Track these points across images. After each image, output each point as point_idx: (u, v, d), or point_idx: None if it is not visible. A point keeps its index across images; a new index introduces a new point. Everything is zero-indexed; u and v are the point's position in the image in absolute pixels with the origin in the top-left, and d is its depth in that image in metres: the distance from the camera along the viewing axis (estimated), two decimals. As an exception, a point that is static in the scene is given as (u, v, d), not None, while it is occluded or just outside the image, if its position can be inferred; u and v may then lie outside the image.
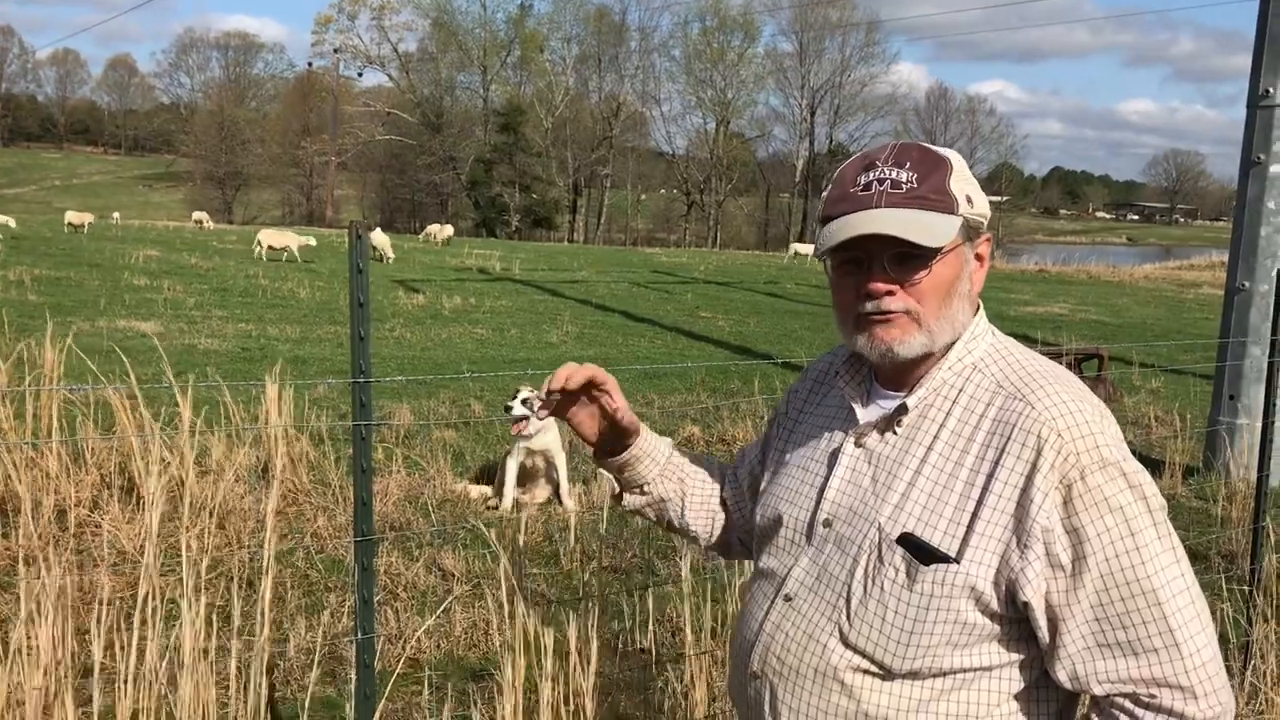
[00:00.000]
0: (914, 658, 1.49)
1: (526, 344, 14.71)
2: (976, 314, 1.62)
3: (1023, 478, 1.45)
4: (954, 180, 1.54)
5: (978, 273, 1.61)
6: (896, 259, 1.52)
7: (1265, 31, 7.79)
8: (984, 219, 1.57)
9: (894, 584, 1.50)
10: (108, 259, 23.34)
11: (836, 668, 1.54)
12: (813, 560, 1.61)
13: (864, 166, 1.57)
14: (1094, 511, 1.42)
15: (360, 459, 2.74)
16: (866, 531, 1.55)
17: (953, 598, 1.46)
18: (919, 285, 1.53)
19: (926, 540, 1.48)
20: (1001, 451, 1.47)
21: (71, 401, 7.07)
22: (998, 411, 1.51)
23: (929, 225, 1.50)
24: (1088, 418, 1.46)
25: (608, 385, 1.79)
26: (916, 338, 1.54)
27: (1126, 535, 1.42)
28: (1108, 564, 1.42)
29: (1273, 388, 4.52)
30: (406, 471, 7.08)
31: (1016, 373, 1.55)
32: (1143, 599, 1.42)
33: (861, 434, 1.62)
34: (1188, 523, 6.92)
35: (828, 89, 77.80)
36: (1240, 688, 4.20)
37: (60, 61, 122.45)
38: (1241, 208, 8.10)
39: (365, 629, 2.82)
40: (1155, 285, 32.54)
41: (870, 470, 1.59)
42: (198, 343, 12.96)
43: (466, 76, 78.62)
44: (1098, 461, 1.43)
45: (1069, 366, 11.34)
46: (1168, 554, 1.44)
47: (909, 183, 1.52)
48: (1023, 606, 1.45)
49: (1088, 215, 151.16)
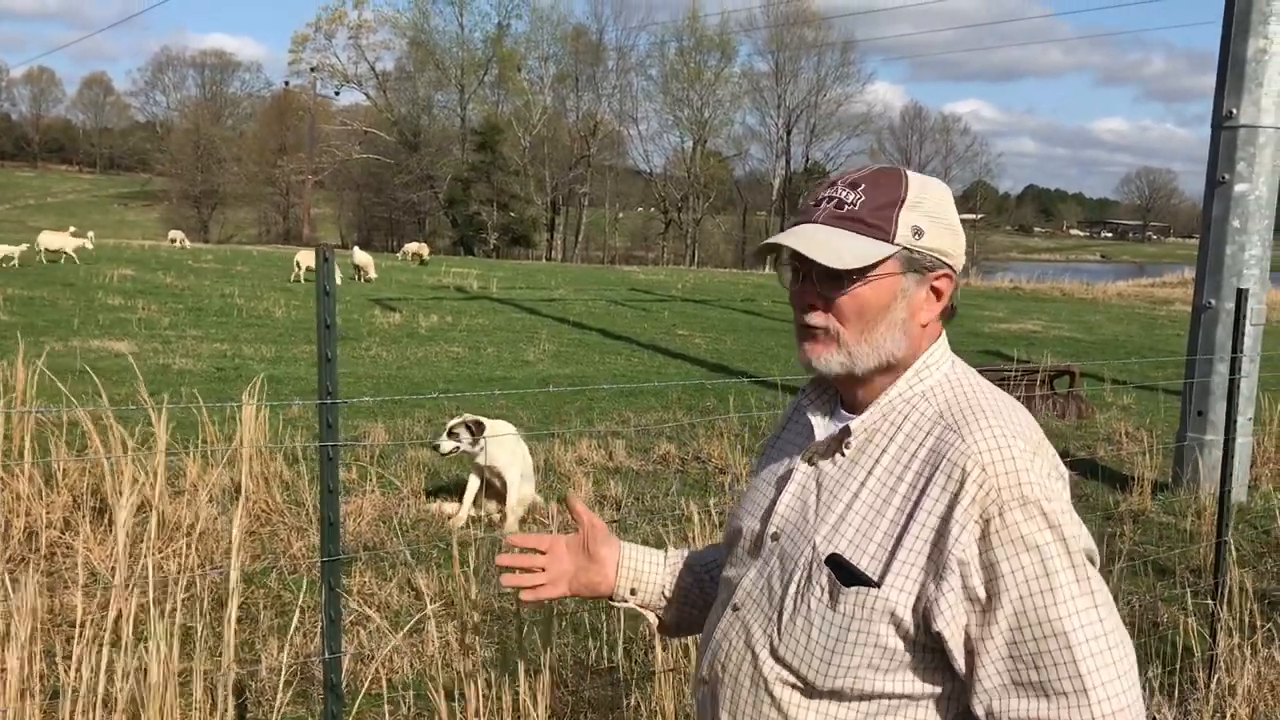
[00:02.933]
0: (835, 676, 1.50)
1: (504, 362, 14.71)
2: (935, 344, 1.63)
3: (945, 508, 1.46)
4: (905, 210, 1.54)
5: (927, 305, 1.59)
6: (824, 276, 1.55)
7: (1228, 54, 7.92)
8: (939, 255, 1.57)
9: (819, 602, 1.52)
10: (81, 278, 23.20)
11: (767, 679, 1.57)
12: (759, 572, 1.64)
13: (829, 184, 1.60)
14: (1010, 549, 1.42)
15: (327, 479, 2.75)
16: (804, 548, 1.57)
17: (872, 620, 1.48)
18: (837, 305, 1.55)
19: (854, 563, 1.50)
20: (929, 480, 1.49)
21: (43, 422, 7.04)
22: (935, 441, 1.52)
23: (841, 247, 1.52)
24: (1014, 454, 1.46)
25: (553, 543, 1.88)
26: (835, 356, 1.57)
27: (1041, 575, 1.42)
28: (1021, 603, 1.42)
29: (1233, 404, 4.59)
30: (381, 491, 7.08)
31: (959, 403, 1.55)
32: (1054, 640, 1.41)
33: (813, 453, 1.65)
34: (1156, 538, 6.99)
35: (804, 108, 78.20)
36: (1206, 701, 4.25)
37: (35, 80, 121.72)
38: (1207, 226, 8.21)
39: (332, 649, 2.83)
40: (1128, 302, 32.80)
41: (816, 489, 1.61)
42: (172, 362, 12.90)
43: (444, 95, 78.62)
44: (1018, 499, 1.43)
45: (1041, 383, 11.44)
46: (1085, 597, 1.43)
47: (852, 204, 1.55)
48: (936, 636, 1.46)
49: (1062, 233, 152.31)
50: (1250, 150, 7.86)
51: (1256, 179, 7.89)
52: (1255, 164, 7.87)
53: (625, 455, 8.66)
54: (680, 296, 28.55)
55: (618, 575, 1.89)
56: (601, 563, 1.88)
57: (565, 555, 1.87)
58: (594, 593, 1.89)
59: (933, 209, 1.57)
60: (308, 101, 75.22)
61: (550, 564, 1.85)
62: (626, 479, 7.90)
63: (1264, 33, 7.74)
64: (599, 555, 1.87)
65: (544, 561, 1.85)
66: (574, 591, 1.87)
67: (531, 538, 1.87)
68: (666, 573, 1.92)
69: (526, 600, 1.84)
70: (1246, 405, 7.93)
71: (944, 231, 1.57)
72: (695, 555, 1.97)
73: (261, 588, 5.44)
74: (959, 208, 1.66)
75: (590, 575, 1.87)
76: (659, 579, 1.91)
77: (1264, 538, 6.90)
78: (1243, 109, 7.83)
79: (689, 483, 7.99)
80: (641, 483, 7.91)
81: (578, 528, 1.89)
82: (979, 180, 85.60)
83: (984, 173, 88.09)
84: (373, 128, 76.97)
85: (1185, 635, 4.62)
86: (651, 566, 1.91)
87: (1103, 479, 8.45)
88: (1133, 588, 5.80)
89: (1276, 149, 7.92)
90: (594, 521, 1.89)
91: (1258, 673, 4.26)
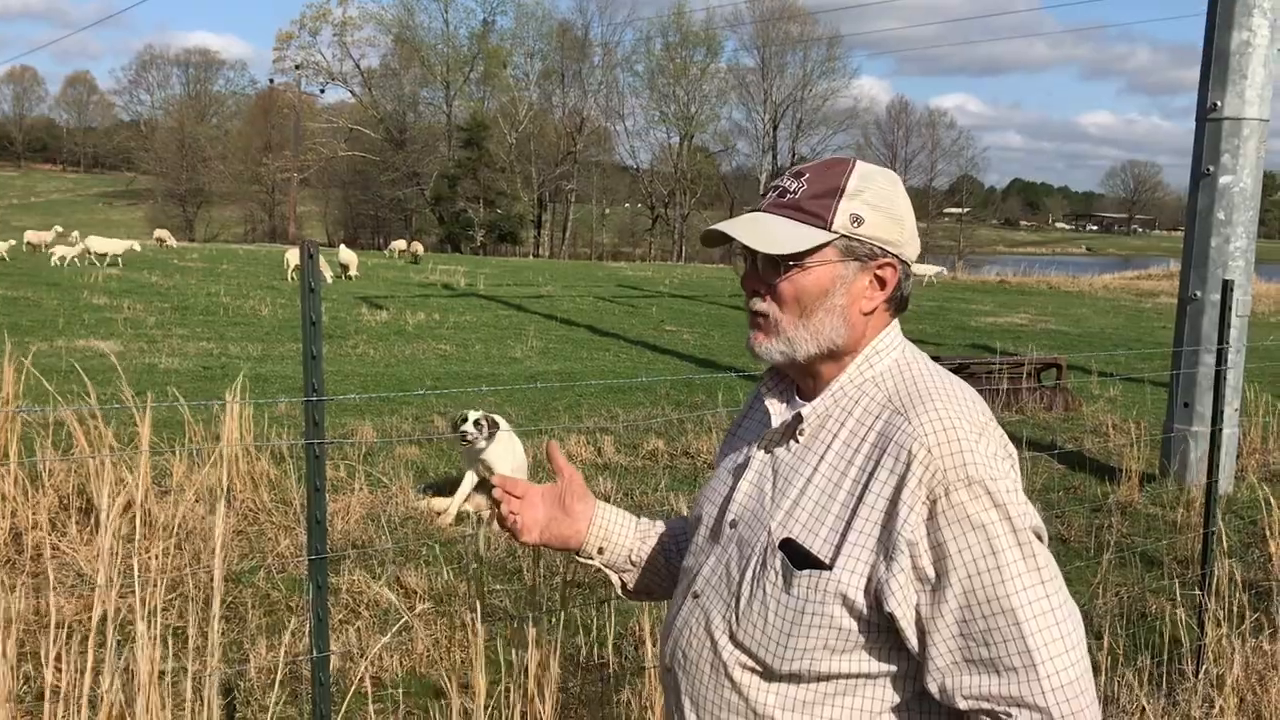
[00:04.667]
0: (792, 659, 1.53)
1: (491, 359, 14.68)
2: (885, 331, 1.64)
3: (893, 490, 1.48)
4: (845, 199, 1.57)
5: (869, 293, 1.60)
6: (766, 262, 1.60)
7: (1212, 46, 7.94)
8: (881, 243, 1.58)
9: (774, 586, 1.54)
10: (66, 278, 23.10)
11: (727, 664, 1.60)
12: (718, 559, 1.67)
13: (783, 173, 1.65)
14: (956, 528, 1.44)
15: (314, 477, 2.73)
16: (760, 534, 1.60)
17: (825, 603, 1.50)
18: (777, 291, 1.59)
19: (807, 547, 1.53)
20: (877, 464, 1.51)
21: (29, 422, 7.00)
22: (883, 425, 1.54)
23: (775, 233, 1.57)
24: (960, 435, 1.48)
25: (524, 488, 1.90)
26: (774, 343, 1.61)
27: (988, 554, 1.44)
28: (969, 581, 1.44)
29: (1220, 395, 4.61)
30: (369, 489, 7.06)
31: (907, 388, 1.57)
32: (1003, 618, 1.43)
33: (769, 440, 1.67)
34: (1144, 529, 7.02)
35: (790, 103, 78.28)
36: (1194, 691, 4.27)
37: (17, 79, 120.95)
38: (1193, 219, 8.24)
39: (320, 647, 2.81)
40: (1114, 295, 32.92)
41: (772, 476, 1.64)
42: (158, 362, 12.85)
43: (430, 92, 78.48)
44: (963, 479, 1.45)
45: (1028, 376, 11.47)
46: (1031, 574, 1.45)
47: (794, 192, 1.59)
48: (888, 616, 1.48)
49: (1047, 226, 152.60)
50: (1235, 142, 7.89)
51: (1241, 171, 7.92)
52: (1240, 156, 7.90)
53: (614, 451, 8.65)
54: (668, 292, 28.56)
55: (588, 532, 1.90)
56: (575, 517, 1.89)
57: (539, 504, 1.88)
58: (563, 545, 1.90)
59: (874, 198, 1.59)
60: (293, 99, 75.00)
61: (525, 510, 1.87)
62: (615, 475, 7.90)
63: (1248, 25, 7.77)
64: (573, 509, 1.89)
65: (517, 506, 1.87)
66: (544, 541, 1.89)
67: (511, 481, 1.89)
68: (636, 538, 1.94)
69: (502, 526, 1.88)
70: (1233, 396, 7.96)
71: (886, 221, 1.59)
72: (668, 526, 1.99)
73: (249, 587, 5.42)
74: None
75: (562, 528, 1.89)
76: (627, 543, 1.93)
77: (1250, 528, 6.93)
78: (1227, 101, 7.85)
79: (678, 478, 7.99)
80: (630, 478, 7.91)
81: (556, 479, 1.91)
82: (965, 174, 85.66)
83: (970, 167, 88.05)
84: (358, 125, 76.82)
85: (1173, 626, 4.64)
86: (622, 530, 1.93)
87: (1090, 471, 8.48)
88: (1121, 579, 5.82)
89: (1260, 141, 7.95)
90: (572, 475, 1.90)
91: (1245, 662, 4.27)
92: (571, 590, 5.57)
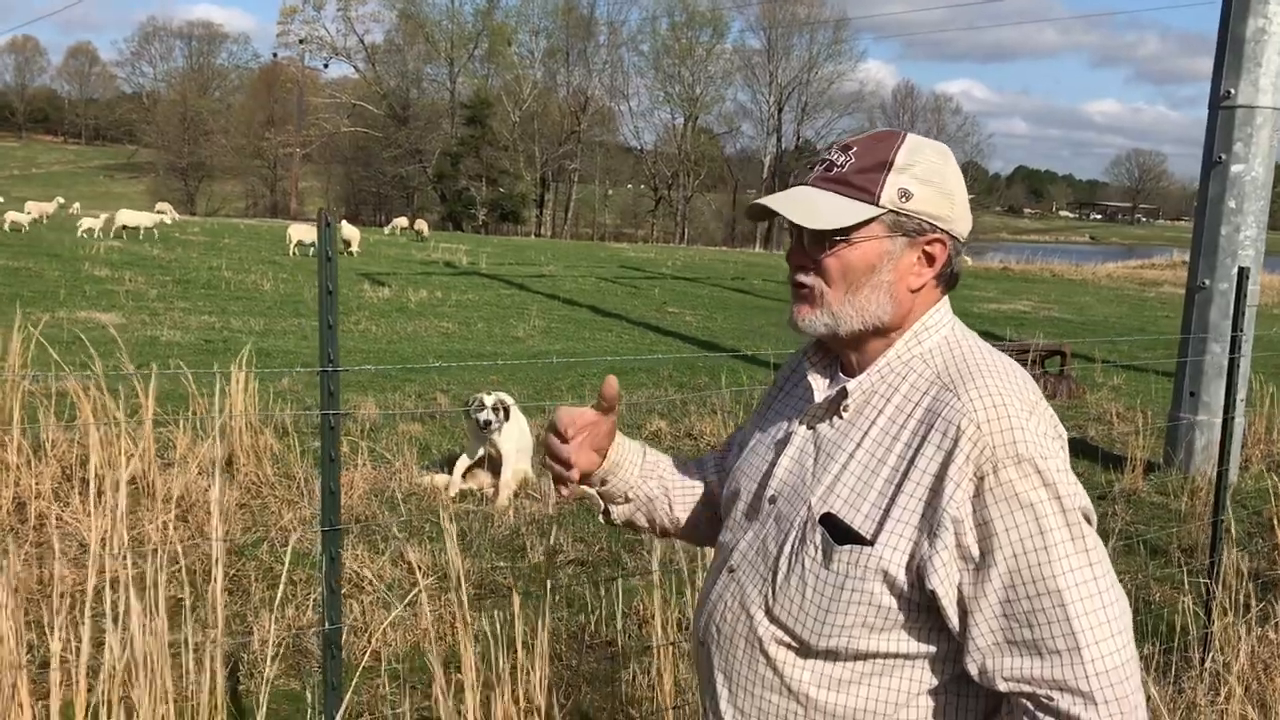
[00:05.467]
0: (830, 635, 1.50)
1: (493, 338, 14.66)
2: (935, 308, 1.61)
3: (939, 466, 1.45)
4: (894, 173, 1.53)
5: (917, 270, 1.57)
6: (813, 237, 1.57)
7: (1227, 32, 7.88)
8: (930, 219, 1.55)
9: (813, 561, 1.52)
10: (67, 249, 23.04)
11: (762, 639, 1.58)
12: (756, 534, 1.64)
13: (830, 146, 1.63)
14: (1004, 506, 1.42)
15: (328, 448, 2.71)
16: (799, 510, 1.57)
17: (865, 579, 1.47)
18: (822, 264, 1.57)
19: (848, 522, 1.50)
20: (924, 440, 1.48)
21: (33, 392, 6.97)
22: (931, 401, 1.51)
23: (820, 207, 1.54)
24: (1010, 412, 1.45)
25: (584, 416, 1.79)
26: (819, 317, 1.58)
27: (1035, 534, 1.41)
28: (1015, 560, 1.41)
29: (1233, 384, 4.58)
30: (372, 465, 7.04)
31: (956, 365, 1.54)
32: (1048, 599, 1.40)
33: (812, 416, 1.64)
34: (1149, 517, 7.01)
35: (795, 86, 78.05)
36: (1200, 679, 4.26)
37: (19, 49, 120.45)
38: (1203, 207, 8.20)
39: (332, 619, 2.80)
40: (1117, 284, 32.87)
41: (814, 451, 1.61)
42: (160, 334, 12.82)
43: (433, 69, 78.22)
44: (1012, 456, 1.42)
45: (1032, 363, 11.44)
46: (1079, 555, 1.42)
47: (841, 165, 1.56)
48: (930, 594, 1.46)
49: (1051, 214, 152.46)
50: (1248, 130, 7.84)
51: (1253, 159, 7.87)
52: (1252, 144, 7.85)
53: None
54: (670, 274, 28.51)
55: (602, 464, 1.84)
56: (600, 452, 1.82)
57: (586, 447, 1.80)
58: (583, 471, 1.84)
59: (924, 172, 1.55)
60: (296, 74, 74.78)
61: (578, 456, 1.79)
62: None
63: (1264, 12, 7.70)
64: (601, 446, 1.82)
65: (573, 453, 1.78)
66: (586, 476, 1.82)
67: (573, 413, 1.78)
68: (638, 477, 1.89)
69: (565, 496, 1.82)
70: (1241, 385, 7.94)
71: (936, 195, 1.55)
72: (670, 469, 1.93)
73: (252, 560, 5.40)
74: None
75: (587, 459, 1.81)
76: (629, 479, 1.87)
77: (1255, 518, 6.92)
78: (1241, 89, 7.80)
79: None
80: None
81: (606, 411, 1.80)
82: (970, 160, 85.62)
83: (975, 153, 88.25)
84: (361, 101, 76.57)
85: (1181, 615, 4.63)
86: (629, 467, 1.87)
87: (1094, 459, 8.47)
88: (1125, 567, 5.81)
89: (1274, 129, 7.90)
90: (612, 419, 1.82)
91: (1251, 651, 4.26)
92: (576, 569, 5.56)
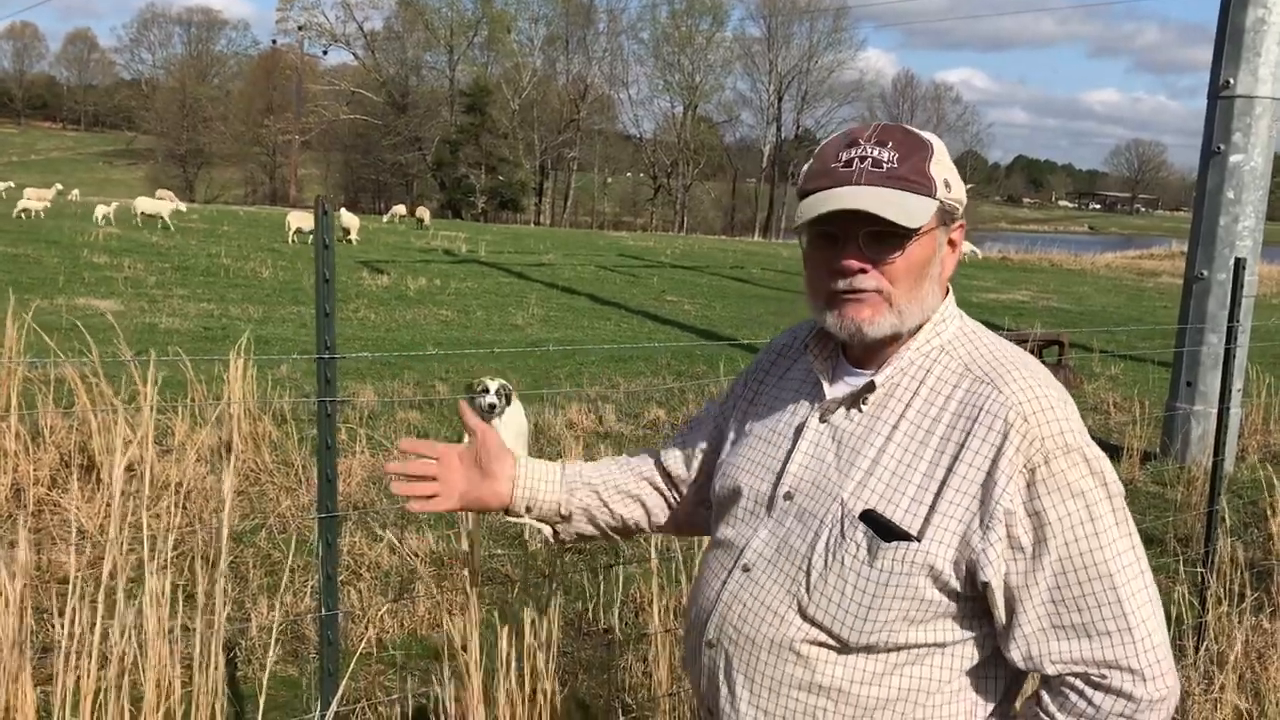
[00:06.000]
0: (871, 632, 1.51)
1: (492, 326, 14.66)
2: (946, 298, 1.63)
3: (988, 460, 1.47)
4: (934, 164, 1.55)
5: (949, 258, 1.61)
6: (871, 238, 1.52)
7: (1227, 22, 7.88)
8: (960, 205, 1.58)
9: (855, 559, 1.51)
10: (66, 236, 23.00)
11: (793, 639, 1.56)
12: (772, 532, 1.62)
13: (847, 143, 1.56)
14: (1056, 496, 1.45)
15: (325, 435, 2.73)
16: (829, 506, 1.56)
17: (912, 575, 1.48)
18: (893, 265, 1.53)
19: (888, 518, 1.50)
20: (968, 434, 1.49)
21: (31, 379, 6.98)
22: (965, 394, 1.52)
23: (907, 206, 1.50)
24: (1053, 404, 1.49)
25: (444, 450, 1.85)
26: (886, 318, 1.54)
27: (1086, 520, 1.45)
28: (1067, 548, 1.45)
29: (1228, 374, 4.59)
30: (370, 452, 7.05)
31: (985, 356, 1.56)
32: (1099, 583, 1.45)
33: (827, 409, 1.63)
34: (1145, 507, 7.03)
35: (795, 74, 77.93)
36: (1194, 668, 4.28)
37: (18, 35, 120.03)
38: (1201, 197, 8.20)
39: (329, 606, 2.81)
40: (1116, 274, 32.86)
41: (834, 446, 1.59)
42: (159, 321, 12.82)
43: (433, 56, 78.02)
44: (1062, 447, 1.46)
45: (1030, 353, 11.45)
46: (1125, 539, 1.47)
47: (890, 162, 1.53)
48: (982, 587, 1.48)
49: (1050, 204, 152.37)
50: (1247, 120, 7.84)
51: (1252, 150, 7.87)
52: (1251, 134, 7.85)
53: (615, 420, 8.64)
54: (669, 263, 28.49)
55: (514, 492, 1.85)
56: (494, 478, 1.84)
57: (457, 466, 1.83)
58: (484, 508, 1.86)
59: (947, 160, 1.59)
60: (295, 61, 74.50)
61: (442, 474, 1.82)
62: (616, 443, 7.89)
63: (1263, 2, 7.70)
64: (491, 470, 1.84)
65: (435, 470, 1.82)
66: (465, 505, 1.84)
67: (422, 444, 1.83)
68: (563, 491, 1.89)
69: (414, 510, 1.82)
70: (1238, 376, 7.95)
71: (957, 182, 1.59)
72: (596, 473, 1.94)
73: (251, 547, 5.42)
74: None
75: (481, 491, 1.83)
76: (554, 497, 1.88)
77: (1250, 508, 6.94)
78: (1240, 79, 7.80)
79: (679, 447, 7.98)
80: (631, 447, 7.90)
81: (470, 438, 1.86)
82: (969, 149, 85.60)
83: (974, 142, 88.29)
84: (360, 88, 76.38)
85: (1175, 604, 4.65)
86: (548, 485, 1.88)
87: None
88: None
89: (1273, 119, 7.90)
90: (486, 433, 1.85)
91: (1246, 640, 4.28)
92: (572, 556, 5.58)
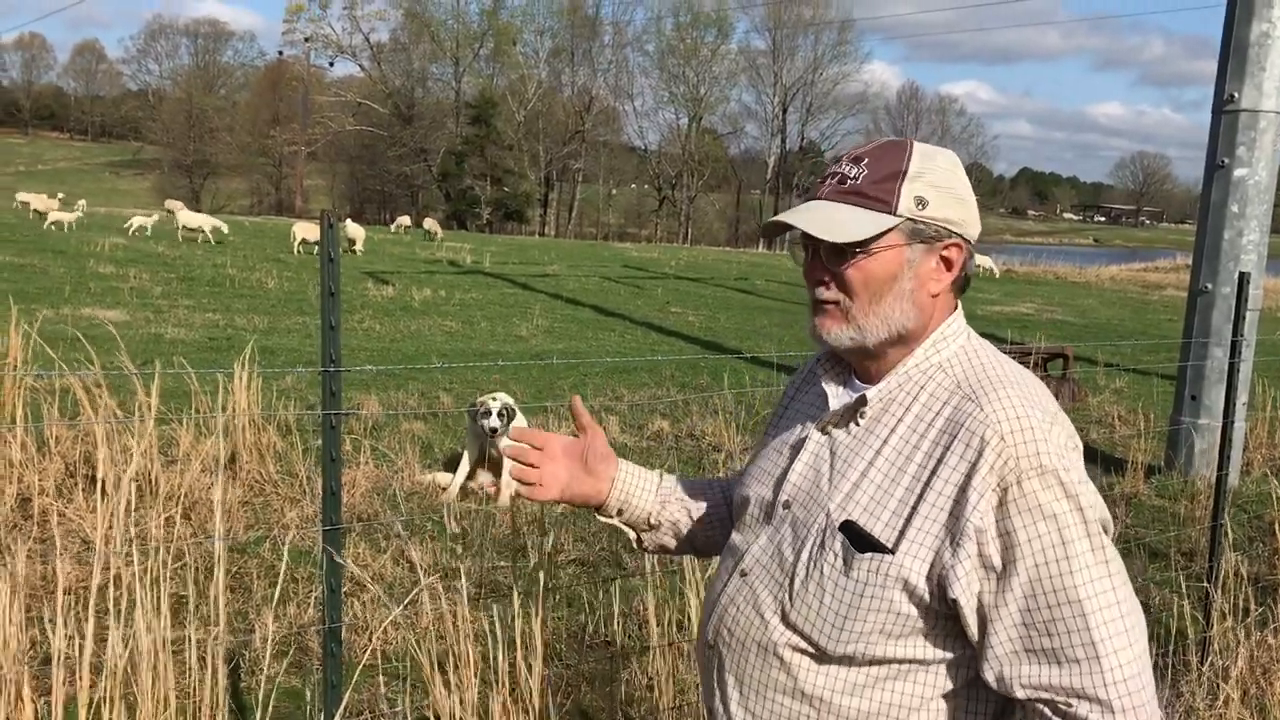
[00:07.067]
0: (847, 642, 1.52)
1: (496, 337, 14.67)
2: (952, 316, 1.63)
3: (962, 476, 1.47)
4: (908, 181, 1.55)
5: (938, 275, 1.60)
6: (830, 251, 1.57)
7: (1231, 37, 7.89)
8: (945, 224, 1.57)
9: (833, 569, 1.53)
10: (72, 246, 23.07)
11: (776, 644, 1.59)
12: (769, 539, 1.66)
13: (837, 160, 1.62)
14: (1027, 517, 1.44)
15: (329, 448, 2.73)
16: (817, 516, 1.59)
17: (886, 587, 1.49)
18: (844, 278, 1.57)
19: (868, 530, 1.52)
20: (946, 450, 1.50)
21: (36, 389, 7.00)
22: (951, 411, 1.53)
23: (840, 221, 1.54)
24: (1033, 424, 1.47)
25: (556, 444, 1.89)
26: (845, 330, 1.59)
27: (1058, 544, 1.43)
28: (1036, 570, 1.43)
29: (1233, 388, 4.59)
30: (375, 463, 7.06)
31: (976, 375, 1.56)
32: (1068, 608, 1.43)
33: (827, 422, 1.66)
34: (1149, 520, 7.01)
35: (800, 86, 77.98)
36: (1199, 683, 4.26)
37: (26, 46, 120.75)
38: (1206, 211, 8.20)
39: (332, 618, 2.81)
40: (1120, 287, 32.85)
41: (830, 458, 1.62)
42: (164, 332, 12.84)
43: (438, 68, 78.22)
44: (1036, 468, 1.44)
45: (1035, 366, 11.44)
46: (1099, 566, 1.44)
47: (854, 178, 1.57)
48: (951, 603, 1.48)
49: (1055, 216, 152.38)
50: (1251, 135, 7.84)
51: (1256, 164, 7.87)
52: (1256, 148, 7.85)
53: (619, 431, 8.65)
54: (674, 274, 28.51)
55: (611, 492, 1.90)
56: (597, 476, 1.89)
57: (561, 459, 1.87)
58: (585, 503, 1.90)
59: (938, 179, 1.57)
60: (301, 72, 74.79)
61: (545, 464, 1.86)
62: (620, 454, 7.87)
63: (1268, 17, 7.71)
64: (595, 469, 1.89)
65: (538, 459, 1.85)
66: (566, 498, 1.88)
67: (530, 432, 1.87)
68: (656, 501, 1.94)
69: (522, 495, 1.87)
70: (1242, 389, 7.94)
71: (950, 200, 1.58)
72: (689, 490, 1.99)
73: (255, 558, 5.42)
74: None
75: (584, 486, 1.88)
76: (647, 505, 1.93)
77: (1256, 522, 6.92)
78: (1244, 93, 7.80)
79: (682, 459, 7.99)
80: (635, 458, 7.86)
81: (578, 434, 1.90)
82: (974, 162, 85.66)
83: (979, 154, 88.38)
84: (366, 99, 76.59)
85: (1179, 619, 4.64)
86: (643, 492, 1.93)
87: (1096, 462, 8.47)
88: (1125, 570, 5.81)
89: (1277, 134, 7.90)
90: (595, 433, 1.90)
91: (1250, 655, 4.27)
92: (576, 569, 5.57)
